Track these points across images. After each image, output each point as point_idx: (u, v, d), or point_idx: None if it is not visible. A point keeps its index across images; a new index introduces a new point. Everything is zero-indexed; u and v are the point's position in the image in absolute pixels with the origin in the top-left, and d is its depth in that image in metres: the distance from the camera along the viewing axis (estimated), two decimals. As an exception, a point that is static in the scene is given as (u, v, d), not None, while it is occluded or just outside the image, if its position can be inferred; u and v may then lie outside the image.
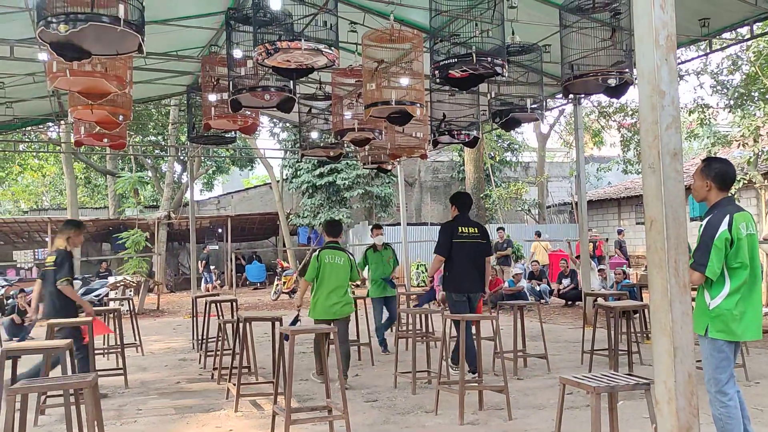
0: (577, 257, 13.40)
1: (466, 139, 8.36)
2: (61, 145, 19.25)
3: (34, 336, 10.96)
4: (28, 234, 23.66)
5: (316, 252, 6.83)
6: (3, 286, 14.41)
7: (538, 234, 18.69)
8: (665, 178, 2.55)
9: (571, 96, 8.05)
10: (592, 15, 5.86)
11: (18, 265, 22.66)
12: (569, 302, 13.98)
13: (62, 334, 6.02)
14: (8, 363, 4.96)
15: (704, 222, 3.71)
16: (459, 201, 7.00)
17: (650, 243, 2.59)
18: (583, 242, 10.79)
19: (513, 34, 6.77)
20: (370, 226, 11.65)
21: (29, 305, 11.47)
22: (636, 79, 2.79)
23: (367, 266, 9.11)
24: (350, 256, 6.89)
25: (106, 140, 7.89)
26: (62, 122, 13.56)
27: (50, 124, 14.92)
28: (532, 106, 7.68)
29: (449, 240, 6.68)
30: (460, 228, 6.76)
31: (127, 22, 4.14)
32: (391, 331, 9.26)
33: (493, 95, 7.91)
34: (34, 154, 26.48)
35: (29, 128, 15.80)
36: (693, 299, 3.14)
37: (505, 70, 5.37)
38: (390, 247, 9.27)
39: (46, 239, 21.99)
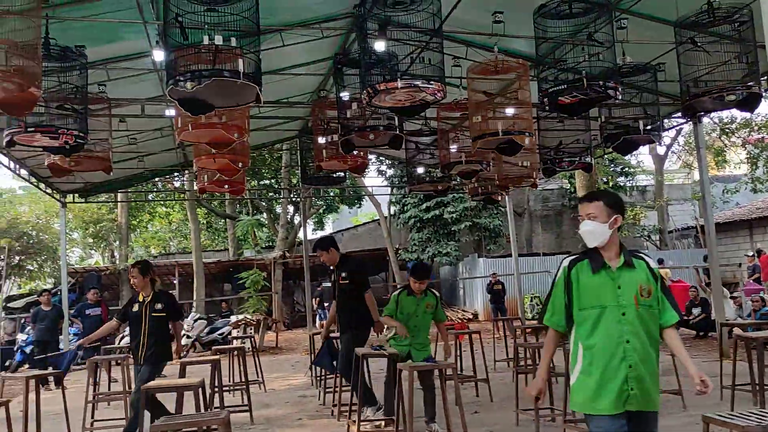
0: (708, 285, 12.53)
1: (570, 167, 8.15)
2: (186, 193, 20.57)
3: (166, 374, 11.58)
4: (158, 277, 25.29)
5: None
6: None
7: (660, 261, 17.32)
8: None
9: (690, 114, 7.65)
10: (710, 29, 5.56)
11: (150, 307, 24.16)
12: (701, 333, 13.05)
13: None
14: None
15: None
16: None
17: (800, 267, 2.37)
18: (713, 268, 10.07)
19: (624, 54, 6.55)
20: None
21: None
22: (766, 91, 2.60)
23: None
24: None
25: (226, 187, 8.35)
26: (186, 171, 14.53)
27: (176, 173, 16.00)
28: (647, 127, 7.36)
29: None
30: None
31: (246, 74, 4.39)
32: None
33: (603, 119, 7.66)
34: (162, 202, 28.45)
35: (157, 179, 17.07)
36: None
37: (618, 93, 5.19)
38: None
39: (174, 282, 23.44)
